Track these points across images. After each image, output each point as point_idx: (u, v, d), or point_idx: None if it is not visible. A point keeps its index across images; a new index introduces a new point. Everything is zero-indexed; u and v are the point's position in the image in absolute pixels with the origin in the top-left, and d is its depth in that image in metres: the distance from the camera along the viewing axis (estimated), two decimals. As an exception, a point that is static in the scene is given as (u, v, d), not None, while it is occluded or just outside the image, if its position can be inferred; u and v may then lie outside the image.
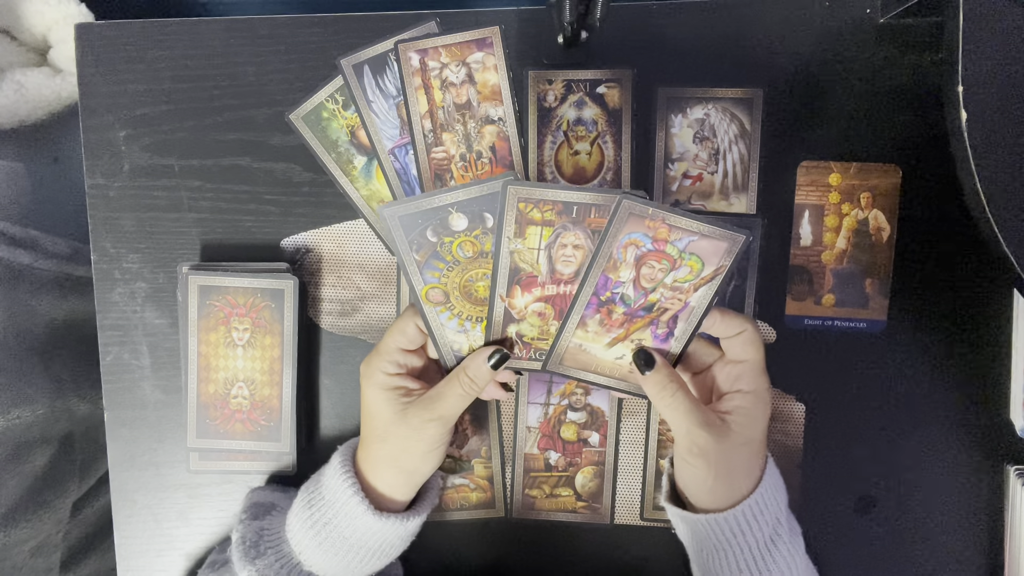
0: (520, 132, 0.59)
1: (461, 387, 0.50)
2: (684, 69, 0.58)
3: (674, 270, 0.48)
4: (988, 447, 0.59)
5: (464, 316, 0.52)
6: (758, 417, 0.48)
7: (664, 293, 0.48)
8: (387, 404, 0.50)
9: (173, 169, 0.60)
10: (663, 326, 0.49)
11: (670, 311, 0.49)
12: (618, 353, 0.50)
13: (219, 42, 0.59)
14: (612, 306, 0.49)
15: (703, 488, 0.49)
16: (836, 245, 0.59)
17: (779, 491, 0.50)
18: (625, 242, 0.47)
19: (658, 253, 0.47)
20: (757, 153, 0.58)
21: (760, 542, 0.48)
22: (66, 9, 0.69)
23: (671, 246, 0.47)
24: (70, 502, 0.67)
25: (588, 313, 0.49)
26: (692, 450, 0.48)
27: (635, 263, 0.48)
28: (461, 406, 0.51)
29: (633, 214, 0.47)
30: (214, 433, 0.58)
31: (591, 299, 0.49)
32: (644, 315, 0.49)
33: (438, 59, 0.58)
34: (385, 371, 0.51)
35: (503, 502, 0.61)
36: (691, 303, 0.48)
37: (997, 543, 0.59)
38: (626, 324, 0.49)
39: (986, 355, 0.59)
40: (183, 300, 0.57)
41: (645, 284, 0.48)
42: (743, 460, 0.48)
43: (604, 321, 0.49)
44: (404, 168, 0.59)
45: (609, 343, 0.50)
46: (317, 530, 0.50)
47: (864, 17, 0.57)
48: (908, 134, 0.58)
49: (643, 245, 0.47)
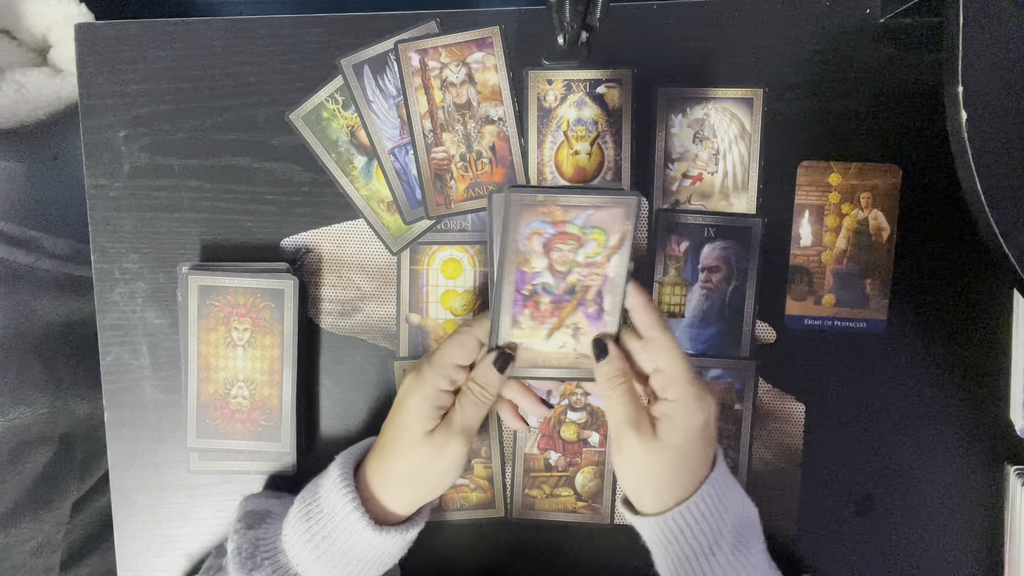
0: (520, 132, 0.59)
1: (473, 395, 0.51)
2: (684, 69, 0.58)
3: (582, 247, 0.48)
4: (988, 447, 0.59)
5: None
6: (683, 426, 0.48)
7: (580, 272, 0.49)
8: (424, 420, 0.50)
9: (173, 169, 0.60)
10: (592, 304, 0.50)
11: (592, 287, 0.49)
12: (559, 342, 0.51)
13: (219, 42, 0.59)
14: (537, 298, 0.50)
15: (629, 489, 0.51)
16: (836, 245, 0.59)
17: (721, 502, 0.49)
18: (527, 233, 0.48)
19: (562, 235, 0.48)
20: (757, 153, 0.58)
21: (693, 552, 0.48)
22: (66, 9, 0.69)
23: (571, 225, 0.48)
24: (70, 502, 0.67)
25: (517, 310, 0.50)
26: (618, 447, 0.49)
27: (544, 251, 0.48)
28: (476, 416, 0.51)
29: (525, 205, 0.47)
30: (214, 433, 0.58)
31: (515, 297, 0.49)
32: (570, 298, 0.50)
33: (438, 59, 0.58)
34: (438, 385, 0.50)
35: (503, 502, 0.61)
36: (609, 275, 0.49)
37: (997, 543, 0.59)
38: (556, 312, 0.50)
39: (986, 355, 0.59)
40: (183, 300, 0.57)
41: (560, 268, 0.49)
42: (667, 467, 0.48)
43: (534, 315, 0.50)
44: (404, 168, 0.59)
45: (547, 334, 0.51)
46: (315, 543, 0.50)
47: (864, 17, 0.57)
48: (908, 134, 0.58)
49: (545, 232, 0.48)
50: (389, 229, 0.60)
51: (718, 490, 0.50)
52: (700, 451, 0.49)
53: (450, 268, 0.60)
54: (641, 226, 0.59)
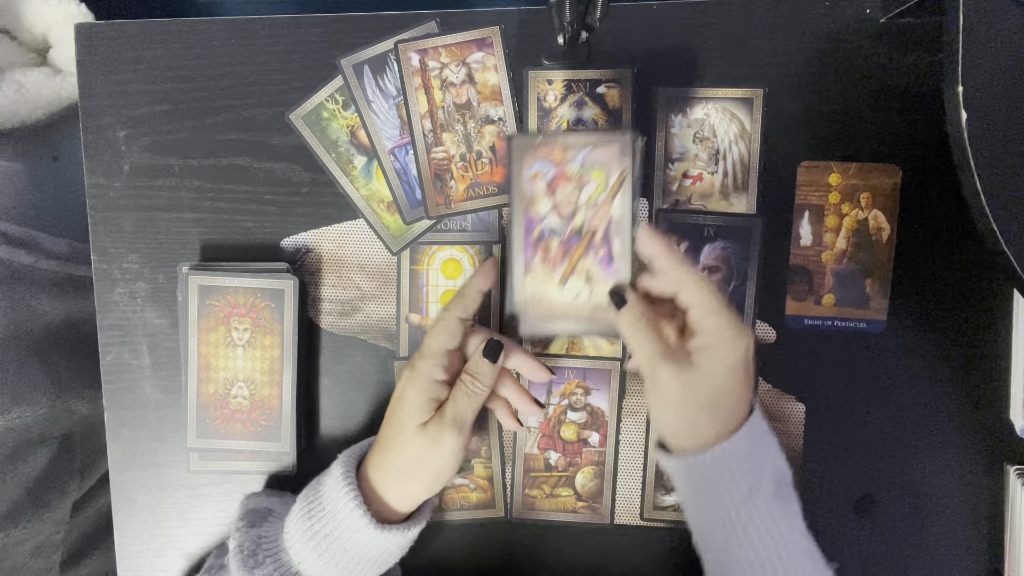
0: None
1: (465, 386, 0.51)
2: (684, 69, 0.58)
3: (583, 187, 0.50)
4: (988, 447, 0.59)
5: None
6: (723, 355, 0.47)
7: (586, 214, 0.51)
8: (419, 412, 0.51)
9: (173, 169, 0.60)
10: (601, 248, 0.51)
11: (599, 229, 0.51)
12: (573, 291, 0.52)
13: (219, 42, 0.59)
14: (546, 241, 0.51)
15: (665, 426, 0.50)
16: (836, 245, 0.59)
17: (761, 448, 0.48)
18: (530, 175, 0.51)
19: (562, 176, 0.51)
20: (757, 153, 0.58)
21: (731, 496, 0.47)
22: (66, 9, 0.69)
23: (570, 165, 0.50)
24: (70, 502, 0.67)
25: (528, 255, 0.52)
26: (652, 383, 0.48)
27: (548, 192, 0.51)
28: (469, 407, 0.51)
29: (525, 148, 0.51)
30: (214, 433, 0.58)
31: (525, 240, 0.51)
32: (578, 241, 0.51)
33: (438, 59, 0.58)
34: (433, 376, 0.51)
35: (503, 502, 0.61)
36: (614, 216, 0.50)
37: (997, 543, 0.59)
38: (567, 256, 0.51)
39: (986, 355, 0.59)
40: (183, 300, 0.57)
41: (565, 210, 0.51)
42: (706, 399, 0.47)
43: (545, 258, 0.51)
44: (404, 168, 0.59)
45: (560, 281, 0.52)
46: (317, 541, 0.50)
47: (864, 17, 0.57)
48: (908, 134, 0.58)
49: (547, 172, 0.51)
50: (389, 229, 0.60)
51: (758, 433, 0.49)
52: (740, 385, 0.48)
53: (450, 268, 0.60)
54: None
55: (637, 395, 0.60)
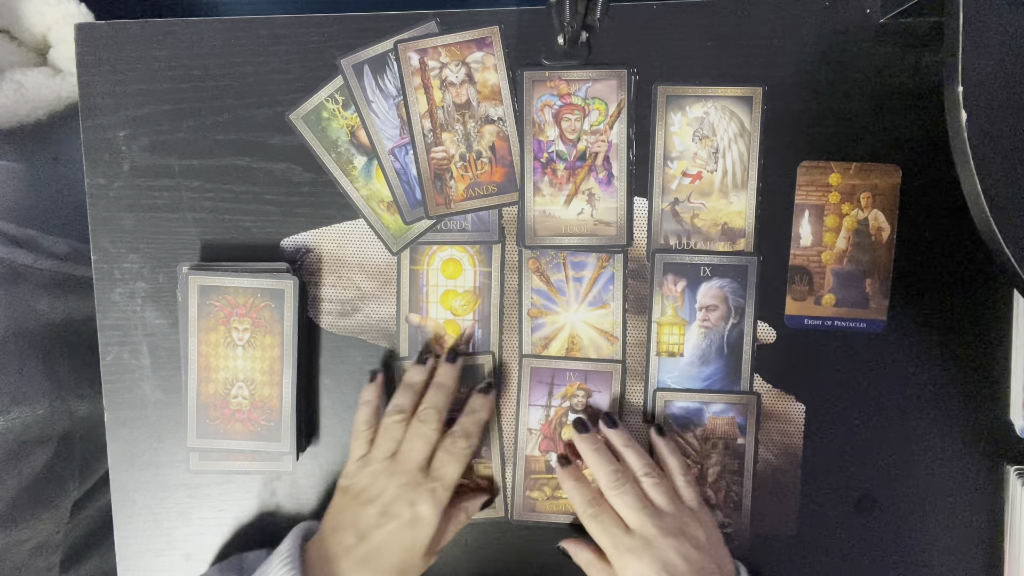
0: (520, 132, 0.59)
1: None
2: (684, 69, 0.58)
3: (587, 116, 0.57)
4: (988, 447, 0.59)
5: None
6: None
7: (588, 140, 0.57)
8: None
9: (173, 169, 0.60)
10: (602, 170, 0.58)
11: (600, 153, 0.57)
12: (577, 208, 0.58)
13: (219, 42, 0.59)
14: (553, 165, 0.58)
15: None
16: (836, 245, 0.59)
17: None
18: (539, 105, 0.57)
19: (568, 106, 0.57)
20: (757, 152, 0.58)
21: None
22: (66, 9, 0.69)
23: (575, 97, 0.57)
24: (70, 502, 0.67)
25: (538, 178, 0.58)
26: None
27: (555, 121, 0.57)
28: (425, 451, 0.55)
29: (535, 80, 0.57)
30: (214, 433, 0.58)
31: (534, 164, 0.58)
32: (582, 164, 0.57)
33: (438, 59, 0.58)
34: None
35: (504, 504, 0.61)
36: (613, 140, 0.57)
37: (997, 543, 0.59)
38: (572, 178, 0.58)
39: (986, 355, 0.59)
40: (183, 300, 0.57)
41: (570, 136, 0.57)
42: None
43: (552, 181, 0.58)
44: (404, 168, 0.59)
45: (566, 201, 0.58)
46: None
47: (864, 17, 0.57)
48: (908, 134, 0.58)
49: (554, 103, 0.57)
50: (389, 229, 0.60)
51: None
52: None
53: (450, 268, 0.60)
54: (641, 271, 0.59)
55: (638, 395, 0.60)
